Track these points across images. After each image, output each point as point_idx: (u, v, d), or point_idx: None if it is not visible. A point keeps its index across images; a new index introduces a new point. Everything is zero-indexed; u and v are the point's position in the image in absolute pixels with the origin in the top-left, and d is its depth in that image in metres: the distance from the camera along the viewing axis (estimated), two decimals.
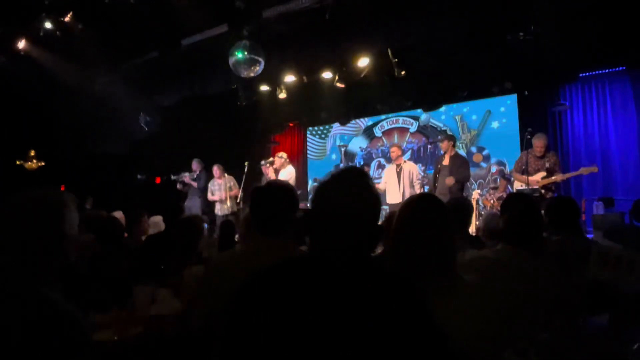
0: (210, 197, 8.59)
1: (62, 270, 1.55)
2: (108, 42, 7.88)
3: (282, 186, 2.15)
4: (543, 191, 5.89)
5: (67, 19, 6.57)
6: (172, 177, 8.96)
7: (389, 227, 1.78)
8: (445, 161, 6.57)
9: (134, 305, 2.57)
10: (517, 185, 6.33)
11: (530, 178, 5.96)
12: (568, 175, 6.01)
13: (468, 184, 7.57)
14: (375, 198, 1.23)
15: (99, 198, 9.12)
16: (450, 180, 6.16)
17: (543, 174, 5.89)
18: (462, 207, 3.16)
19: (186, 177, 8.79)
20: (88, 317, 2.04)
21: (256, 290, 1.16)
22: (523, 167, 6.07)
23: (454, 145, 6.68)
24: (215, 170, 8.57)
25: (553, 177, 5.82)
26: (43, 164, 10.16)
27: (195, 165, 8.88)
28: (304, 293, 1.11)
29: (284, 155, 8.17)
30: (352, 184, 1.21)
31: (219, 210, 8.48)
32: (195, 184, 8.74)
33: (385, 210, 6.60)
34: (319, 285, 1.12)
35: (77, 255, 2.25)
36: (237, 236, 3.89)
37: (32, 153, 10.08)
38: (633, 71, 7.67)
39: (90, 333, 1.31)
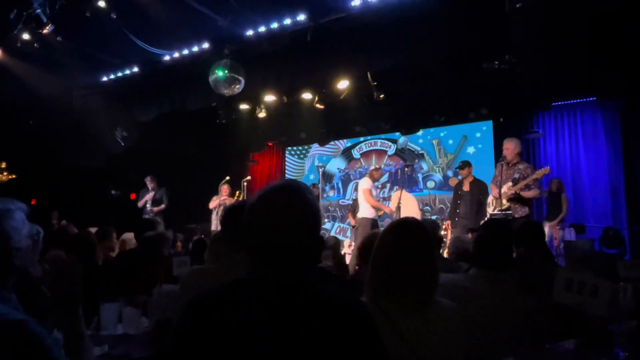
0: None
1: (26, 285, 1.51)
2: (88, 56, 7.83)
3: None
4: (509, 203, 5.73)
5: (45, 31, 6.47)
6: (140, 206, 8.76)
7: (370, 248, 1.78)
8: (466, 187, 6.67)
9: (100, 324, 2.51)
10: (489, 200, 6.17)
11: (500, 192, 5.86)
12: (524, 182, 5.69)
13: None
14: (307, 213, 1.16)
15: (72, 213, 8.93)
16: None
17: (510, 184, 5.78)
18: (431, 230, 3.18)
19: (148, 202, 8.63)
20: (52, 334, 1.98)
21: (194, 314, 1.14)
22: (498, 178, 5.98)
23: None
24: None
25: (514, 187, 5.69)
26: (14, 176, 9.91)
27: (151, 182, 8.80)
28: (238, 318, 1.09)
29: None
30: (283, 202, 1.15)
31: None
32: (163, 206, 8.66)
33: None
34: (253, 309, 1.09)
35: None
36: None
37: (3, 165, 9.83)
38: (603, 102, 7.92)
39: (46, 342, 1.25)
